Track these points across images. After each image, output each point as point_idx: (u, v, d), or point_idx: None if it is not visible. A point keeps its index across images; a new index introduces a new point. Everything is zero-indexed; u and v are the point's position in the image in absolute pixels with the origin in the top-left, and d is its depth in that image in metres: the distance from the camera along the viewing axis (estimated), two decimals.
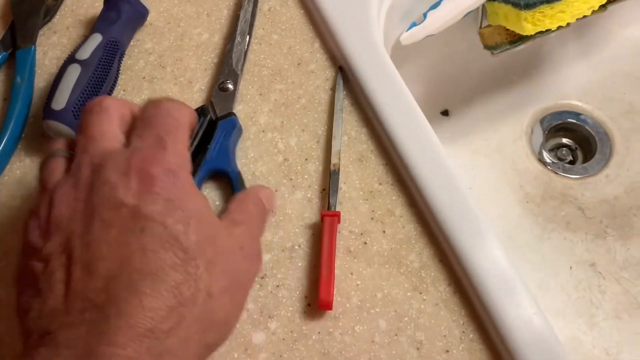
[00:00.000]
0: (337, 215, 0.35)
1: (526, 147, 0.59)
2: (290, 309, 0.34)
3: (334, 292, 0.33)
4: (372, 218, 0.36)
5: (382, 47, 0.40)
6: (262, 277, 0.35)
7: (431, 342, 0.32)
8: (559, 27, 0.45)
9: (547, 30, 0.45)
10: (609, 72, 0.62)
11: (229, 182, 0.37)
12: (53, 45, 0.43)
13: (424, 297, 0.34)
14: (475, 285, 0.32)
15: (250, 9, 0.43)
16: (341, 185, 0.37)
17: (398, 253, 0.35)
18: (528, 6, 0.43)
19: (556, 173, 0.57)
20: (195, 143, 0.37)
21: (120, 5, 0.40)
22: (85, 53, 0.38)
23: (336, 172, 0.37)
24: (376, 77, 0.39)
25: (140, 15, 0.41)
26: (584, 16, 0.44)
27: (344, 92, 0.40)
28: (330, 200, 0.36)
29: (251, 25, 0.42)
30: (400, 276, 0.34)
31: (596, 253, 0.54)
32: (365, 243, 0.35)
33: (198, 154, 0.37)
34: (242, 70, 0.41)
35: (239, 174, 0.37)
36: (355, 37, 0.40)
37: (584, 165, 0.58)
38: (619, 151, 0.57)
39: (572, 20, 0.44)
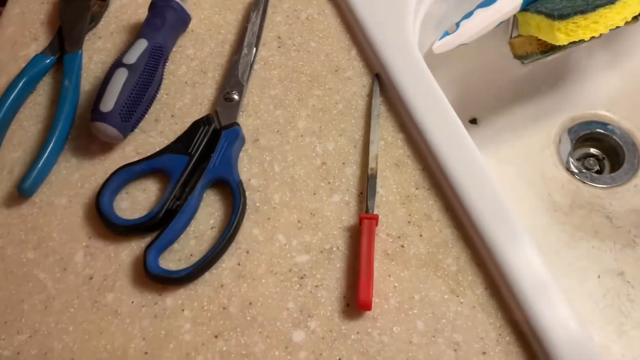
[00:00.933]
0: (375, 218, 0.36)
1: (554, 156, 0.60)
2: (330, 308, 0.34)
3: (372, 295, 0.34)
4: (409, 222, 0.37)
5: (419, 54, 0.41)
6: (302, 277, 0.35)
7: (468, 344, 0.33)
8: (591, 38, 0.45)
9: (579, 41, 0.46)
10: (637, 82, 0.62)
11: (230, 191, 0.38)
12: (98, 50, 0.44)
13: (461, 300, 0.34)
14: (512, 288, 0.33)
15: (258, 20, 0.44)
16: (378, 189, 0.38)
17: (435, 256, 0.35)
18: (562, 17, 0.44)
19: (584, 182, 0.58)
20: (199, 151, 0.38)
21: (165, 11, 0.41)
22: (132, 58, 0.39)
23: (374, 177, 0.37)
24: (413, 84, 0.40)
25: (184, 21, 0.43)
26: (617, 27, 0.45)
27: (381, 99, 0.41)
28: (368, 204, 0.37)
29: (258, 37, 0.43)
30: (438, 279, 0.35)
31: (625, 262, 0.54)
32: (403, 246, 0.36)
33: (201, 162, 0.38)
34: (247, 81, 0.41)
35: (239, 183, 0.37)
36: (392, 45, 0.41)
37: (612, 174, 0.58)
38: None
39: (605, 31, 0.44)
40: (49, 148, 0.39)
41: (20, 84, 0.41)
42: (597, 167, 0.60)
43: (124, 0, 0.46)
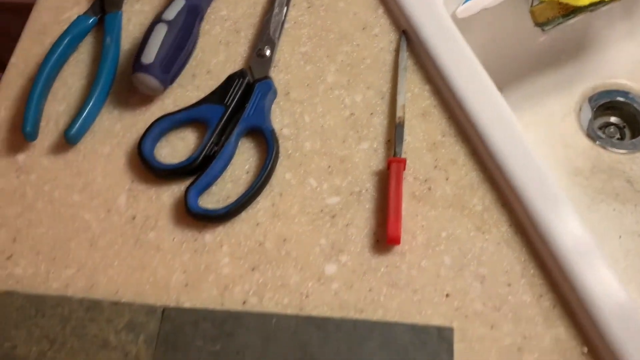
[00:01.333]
0: (403, 161, 0.37)
1: (575, 123, 0.61)
2: (360, 244, 0.36)
3: (401, 231, 0.36)
4: (436, 167, 0.38)
5: (445, 11, 0.42)
6: (333, 217, 0.37)
7: (494, 277, 0.34)
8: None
9: (600, 2, 0.47)
10: None
11: (263, 139, 0.40)
12: (136, 12, 0.46)
13: (487, 237, 0.36)
14: (536, 224, 0.34)
15: None
16: (406, 137, 0.39)
17: (461, 198, 0.37)
18: None
19: (605, 148, 0.58)
20: (234, 102, 0.40)
21: None
22: (171, 14, 0.41)
23: (401, 124, 0.39)
24: (439, 38, 0.41)
25: None
26: None
27: (408, 53, 0.42)
28: (396, 149, 0.38)
29: None
30: (464, 218, 0.36)
31: None
32: (430, 189, 0.38)
33: (236, 112, 0.40)
34: (278, 38, 0.43)
35: (272, 131, 0.39)
36: (419, 2, 0.43)
37: (633, 140, 0.59)
38: None
39: None
40: (93, 99, 0.41)
41: (64, 43, 0.43)
42: (617, 135, 0.61)
43: None
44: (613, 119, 0.62)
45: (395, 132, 0.39)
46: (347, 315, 0.34)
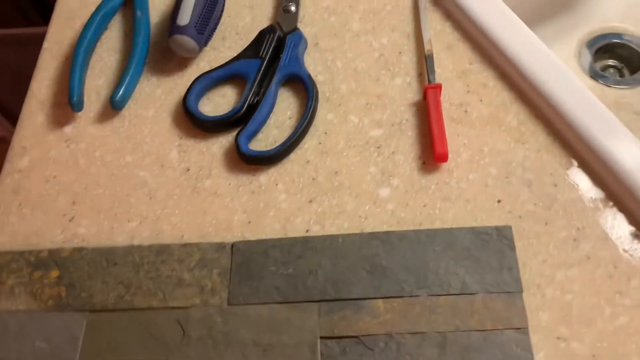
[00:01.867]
0: (439, 86, 0.39)
1: (577, 67, 0.63)
2: (408, 168, 0.38)
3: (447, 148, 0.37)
4: (468, 91, 0.40)
5: None
6: (379, 147, 0.39)
7: (540, 180, 0.36)
8: None
9: None
10: None
11: (301, 85, 0.42)
12: None
13: (527, 147, 0.38)
14: (574, 128, 0.37)
15: None
16: (435, 68, 0.41)
17: (497, 116, 0.39)
18: None
19: (609, 86, 0.61)
20: (269, 55, 0.42)
21: None
22: None
23: (431, 56, 0.41)
24: None
25: None
26: None
27: None
28: (430, 77, 0.40)
29: None
30: (502, 133, 0.38)
31: None
32: (466, 111, 0.40)
33: (272, 63, 0.42)
34: None
35: (309, 75, 0.41)
36: None
37: (634, 76, 0.62)
38: None
39: None
40: (132, 67, 0.42)
41: (97, 19, 0.45)
42: (617, 76, 0.64)
43: None
44: (611, 61, 0.65)
45: (426, 63, 0.41)
46: (405, 229, 0.36)
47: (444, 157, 0.37)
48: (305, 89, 0.41)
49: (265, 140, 0.40)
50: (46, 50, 0.47)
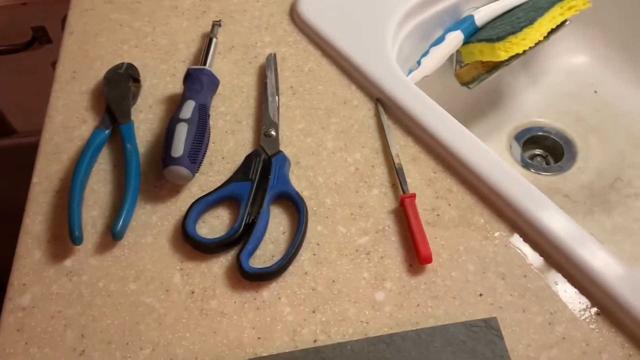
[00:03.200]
0: (413, 195, 0.45)
1: (510, 158, 0.72)
2: (397, 270, 0.42)
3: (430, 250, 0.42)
4: (437, 197, 0.46)
5: (405, 77, 0.53)
6: (368, 254, 0.43)
7: (511, 272, 0.42)
8: (524, 52, 0.59)
9: (515, 55, 0.59)
10: (554, 92, 0.78)
11: (290, 202, 0.46)
12: (142, 121, 0.52)
13: (495, 242, 0.43)
14: (530, 223, 0.43)
15: (273, 77, 0.54)
16: (406, 179, 0.47)
17: (465, 217, 0.45)
18: (499, 39, 0.58)
19: (539, 174, 0.70)
20: (257, 176, 0.47)
21: (201, 77, 0.51)
22: (187, 114, 0.47)
23: (401, 168, 0.47)
24: (408, 98, 0.51)
25: (215, 85, 0.52)
26: (538, 42, 0.59)
27: (386, 115, 0.51)
28: (404, 188, 0.46)
29: (277, 88, 0.53)
30: (472, 232, 0.44)
31: (589, 227, 0.65)
32: (438, 215, 0.45)
33: (261, 184, 0.46)
34: (278, 120, 0.51)
35: (298, 193, 0.46)
36: (384, 75, 0.53)
37: (559, 164, 0.71)
38: (582, 148, 0.72)
39: (532, 45, 0.59)
40: (129, 197, 0.45)
41: (89, 154, 0.48)
42: (544, 163, 0.73)
43: (154, 80, 0.55)
44: (537, 151, 0.75)
45: (397, 175, 0.47)
46: (406, 329, 0.40)
47: (428, 259, 0.42)
48: (294, 206, 0.45)
49: (264, 256, 0.44)
50: (36, 185, 0.48)
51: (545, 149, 0.74)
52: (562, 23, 0.62)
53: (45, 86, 1.24)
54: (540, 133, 0.74)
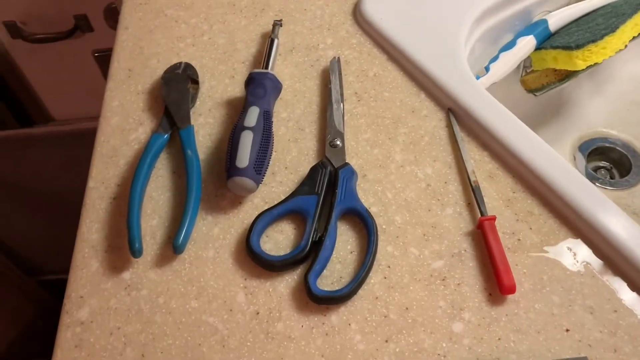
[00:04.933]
0: (493, 218, 0.42)
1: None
2: (476, 300, 0.39)
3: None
4: (517, 219, 0.43)
5: (479, 84, 0.49)
6: (443, 279, 0.40)
7: (600, 306, 0.39)
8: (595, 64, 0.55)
9: (594, 64, 0.56)
10: (621, 101, 0.73)
11: (357, 219, 0.43)
12: (202, 125, 0.50)
13: (581, 272, 0.40)
14: (620, 250, 0.39)
15: (337, 82, 0.52)
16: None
17: (548, 242, 0.42)
18: (578, 47, 0.54)
19: (606, 188, 0.66)
20: (324, 190, 0.44)
21: (264, 82, 0.48)
22: (252, 121, 0.45)
23: (478, 187, 0.44)
24: (483, 108, 0.47)
25: (278, 89, 0.50)
26: (620, 50, 0.55)
27: (459, 127, 0.48)
28: (482, 208, 0.43)
29: (341, 94, 0.51)
30: (556, 260, 0.41)
31: None
32: (519, 240, 0.42)
33: (327, 198, 0.44)
34: (344, 129, 0.49)
35: (367, 210, 0.43)
36: (457, 83, 0.49)
37: (627, 178, 0.67)
38: None
39: (612, 54, 0.55)
40: (190, 208, 0.43)
41: (148, 160, 0.46)
42: (608, 177, 0.69)
43: (212, 82, 0.53)
44: (602, 163, 0.71)
45: (474, 193, 0.44)
46: None
47: (512, 289, 0.39)
48: (363, 223, 0.43)
49: (331, 276, 0.41)
50: (92, 190, 0.46)
51: (610, 162, 0.70)
52: None
53: (84, 75, 1.23)
54: (606, 144, 0.70)
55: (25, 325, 1.19)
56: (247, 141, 0.44)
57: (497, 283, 0.40)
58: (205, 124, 0.50)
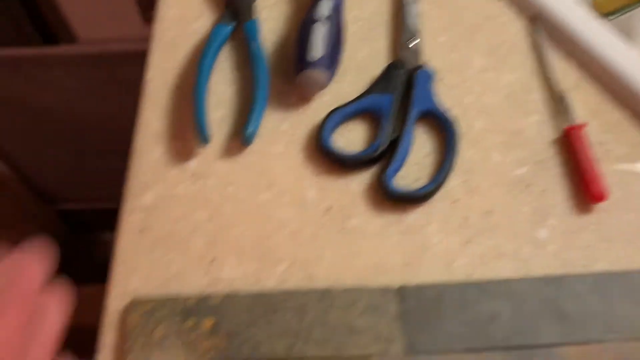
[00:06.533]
0: (582, 126, 0.39)
1: None
2: (561, 207, 0.38)
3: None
4: (604, 130, 0.41)
5: None
6: (527, 186, 0.38)
7: None
8: None
9: None
10: None
11: (434, 122, 0.41)
12: (265, 19, 0.47)
13: None
14: None
15: None
16: None
17: (638, 155, 0.39)
18: None
19: None
20: (399, 91, 0.41)
21: None
22: (324, 13, 0.42)
23: (564, 96, 0.41)
24: (570, 16, 0.44)
25: None
26: None
27: (543, 34, 0.45)
28: (569, 117, 0.40)
29: None
30: None
31: None
32: (607, 150, 0.40)
33: (403, 99, 0.41)
34: (419, 30, 0.45)
35: (447, 112, 0.41)
36: None
37: None
38: None
39: None
40: (259, 100, 0.41)
41: (211, 51, 0.43)
42: None
43: None
44: None
45: (559, 103, 0.41)
46: (573, 272, 0.35)
47: (601, 197, 0.37)
48: (441, 125, 0.40)
49: (407, 177, 0.39)
50: (151, 81, 0.44)
51: None
52: None
53: None
54: None
55: None
56: (319, 33, 0.41)
57: (585, 191, 0.37)
58: (268, 19, 0.47)
